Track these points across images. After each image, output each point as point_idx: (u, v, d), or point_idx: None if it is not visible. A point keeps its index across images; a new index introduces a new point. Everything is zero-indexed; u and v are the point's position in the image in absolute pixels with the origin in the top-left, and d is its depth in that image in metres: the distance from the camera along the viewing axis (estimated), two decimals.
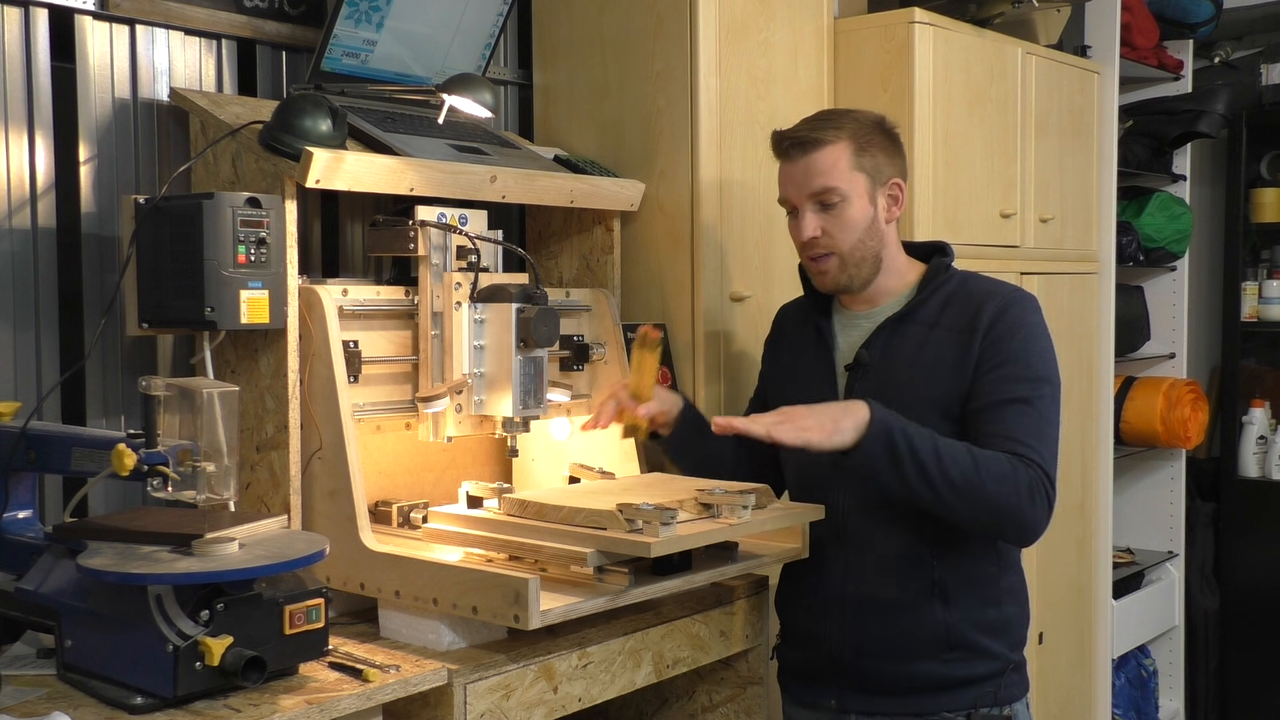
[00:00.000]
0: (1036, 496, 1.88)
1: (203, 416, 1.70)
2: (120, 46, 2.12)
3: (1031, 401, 1.93)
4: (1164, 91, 4.24)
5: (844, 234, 2.01)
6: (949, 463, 1.84)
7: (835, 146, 2.00)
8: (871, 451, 1.84)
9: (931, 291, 2.04)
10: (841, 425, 1.83)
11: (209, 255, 1.85)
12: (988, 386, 1.95)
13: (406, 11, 2.26)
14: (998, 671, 2.03)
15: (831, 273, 2.04)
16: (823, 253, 2.04)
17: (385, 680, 1.69)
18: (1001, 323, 1.97)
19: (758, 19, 2.61)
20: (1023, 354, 1.96)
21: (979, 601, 2.02)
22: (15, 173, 2.01)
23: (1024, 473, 1.87)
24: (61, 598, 1.67)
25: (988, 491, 1.86)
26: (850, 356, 2.07)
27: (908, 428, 1.85)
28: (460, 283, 2.07)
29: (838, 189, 2.00)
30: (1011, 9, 3.07)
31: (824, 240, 2.02)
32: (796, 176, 2.03)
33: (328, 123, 1.97)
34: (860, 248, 2.02)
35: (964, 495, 1.86)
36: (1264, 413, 4.44)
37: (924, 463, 1.84)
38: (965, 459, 1.86)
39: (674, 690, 2.29)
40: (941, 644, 2.00)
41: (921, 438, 1.85)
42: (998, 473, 1.86)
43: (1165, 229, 4.06)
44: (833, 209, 2.01)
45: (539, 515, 1.91)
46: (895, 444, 1.83)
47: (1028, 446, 1.90)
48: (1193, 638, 4.41)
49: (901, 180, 2.06)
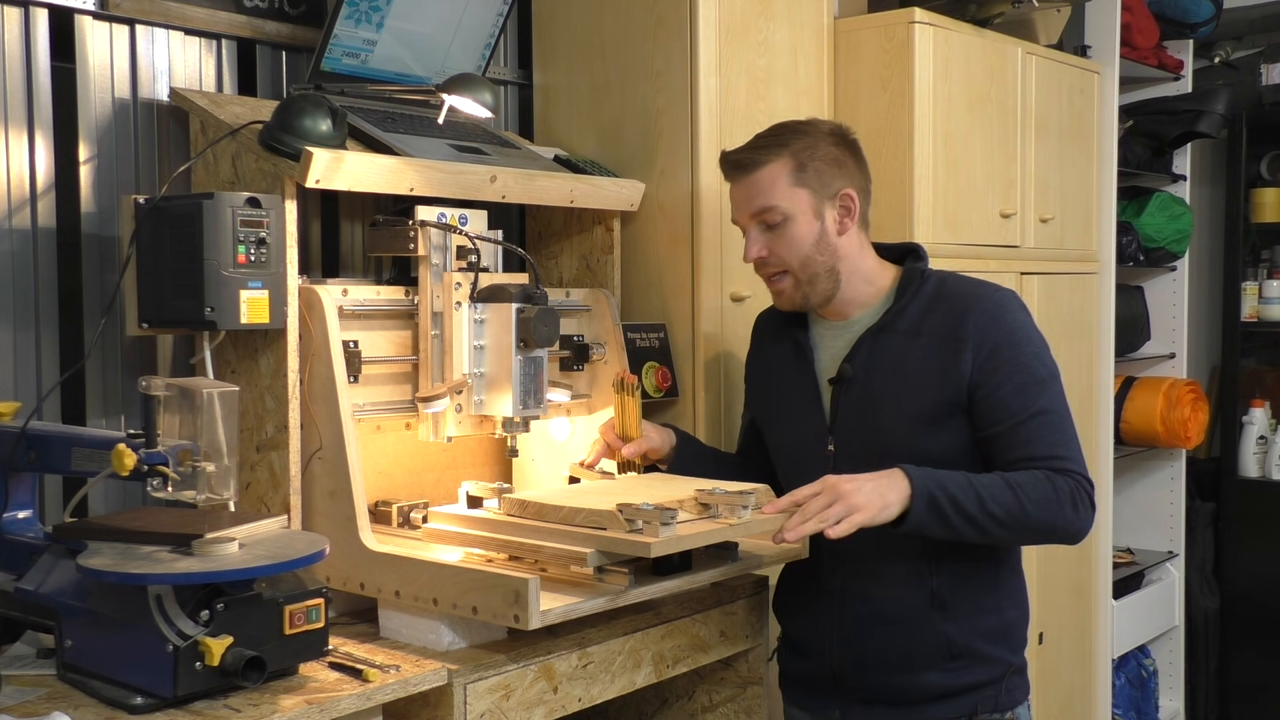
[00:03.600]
0: (1080, 504, 1.91)
1: (203, 416, 1.70)
2: (120, 46, 2.12)
3: (1048, 411, 1.94)
4: (1164, 91, 4.24)
5: (790, 252, 2.00)
6: (993, 505, 1.86)
7: (773, 166, 1.99)
8: (919, 520, 1.85)
9: (910, 299, 2.02)
10: (888, 499, 1.83)
11: (209, 255, 1.85)
12: (1003, 408, 1.94)
13: (406, 11, 2.26)
14: (999, 676, 2.03)
15: (787, 291, 2.04)
16: (775, 271, 2.03)
17: (385, 680, 1.69)
18: (993, 332, 1.96)
19: (758, 19, 2.61)
20: (1025, 361, 1.96)
21: (979, 609, 2.01)
22: (15, 173, 2.01)
23: (1064, 486, 1.90)
24: (61, 598, 1.67)
25: (1034, 518, 1.88)
26: (832, 369, 2.05)
27: (947, 484, 1.86)
28: (460, 283, 2.07)
29: (777, 207, 1.99)
30: (1011, 9, 3.07)
31: (772, 260, 2.02)
32: (739, 197, 2.04)
33: (328, 123, 1.97)
34: (810, 264, 2.01)
35: (1013, 529, 1.89)
36: (1264, 413, 4.44)
37: (970, 515, 1.85)
38: (1006, 495, 1.87)
39: (674, 690, 2.29)
40: (943, 654, 1.99)
41: (962, 490, 1.86)
42: (1039, 497, 1.88)
43: (1165, 229, 4.06)
44: (776, 228, 2.00)
45: (539, 515, 1.90)
46: (941, 507, 1.85)
47: (1060, 458, 1.92)
48: (1193, 638, 4.41)
49: (854, 191, 2.02)
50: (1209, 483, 4.55)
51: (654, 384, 2.41)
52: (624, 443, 2.17)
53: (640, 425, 2.17)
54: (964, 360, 1.95)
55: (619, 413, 2.18)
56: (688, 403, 2.49)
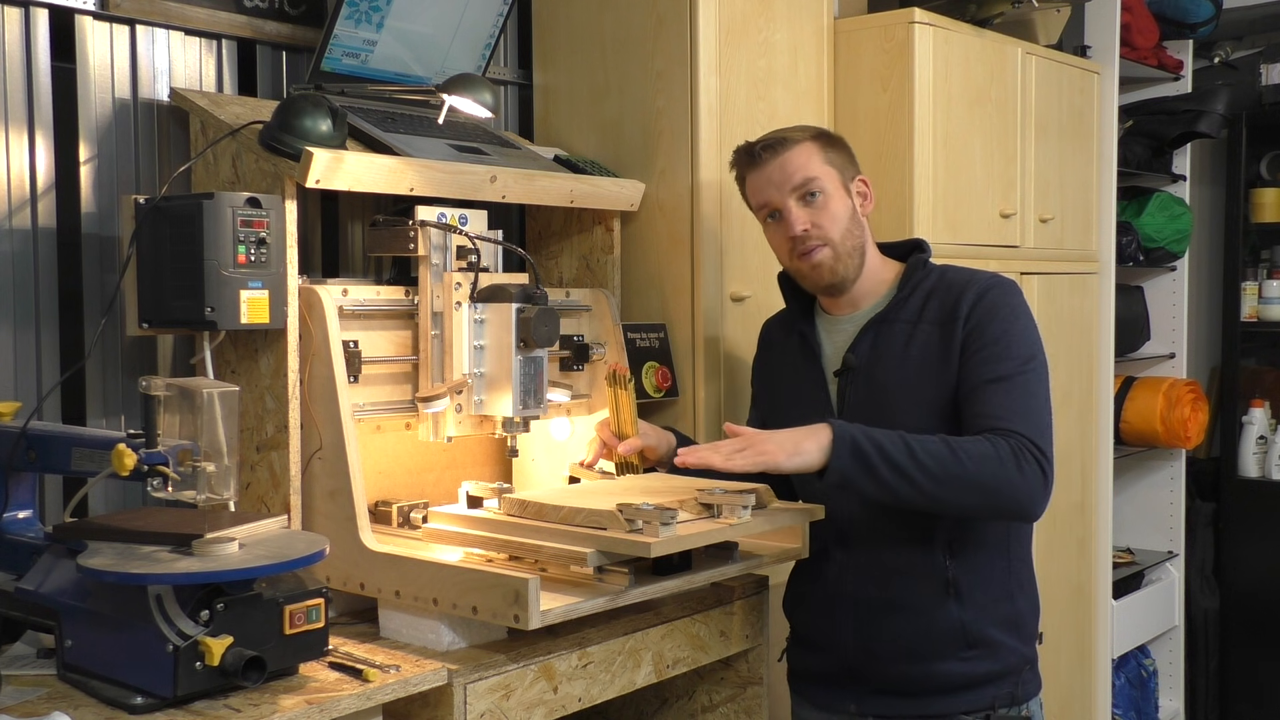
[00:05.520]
0: (1024, 464, 1.85)
1: (203, 416, 1.70)
2: (120, 46, 2.12)
3: (1011, 378, 1.92)
4: (1164, 91, 4.24)
5: (832, 224, 2.03)
6: (924, 456, 1.83)
7: (804, 144, 2.05)
8: (842, 466, 1.83)
9: (912, 289, 2.05)
10: (802, 446, 1.83)
11: (209, 255, 1.85)
12: (968, 371, 1.95)
13: (406, 11, 2.26)
14: (1015, 668, 2.03)
15: (827, 263, 2.04)
16: (815, 244, 2.04)
17: (385, 680, 1.69)
18: (980, 308, 1.98)
19: (758, 19, 2.61)
20: (1002, 335, 1.96)
21: (992, 597, 2.02)
22: (15, 173, 2.01)
23: (1004, 445, 1.85)
24: (61, 598, 1.67)
25: (970, 473, 1.83)
26: (838, 361, 2.06)
27: (874, 433, 1.85)
28: (460, 283, 2.07)
29: (818, 179, 2.03)
30: (1011, 9, 3.07)
31: (815, 232, 2.03)
32: (775, 177, 2.05)
33: (328, 123, 1.97)
34: (849, 237, 2.04)
35: (948, 484, 1.84)
36: (1264, 413, 4.44)
37: (898, 463, 1.82)
38: (940, 449, 1.84)
39: (674, 690, 2.29)
40: (959, 642, 1.99)
41: (890, 439, 1.85)
42: (976, 453, 1.84)
43: (1165, 229, 4.06)
44: (816, 200, 2.03)
45: (539, 515, 1.91)
46: (864, 453, 1.82)
47: (1007, 420, 1.88)
48: (1193, 638, 4.41)
49: (865, 179, 2.12)
50: (1209, 483, 4.55)
51: (654, 384, 2.41)
52: (620, 440, 2.16)
53: (636, 422, 2.17)
54: (955, 340, 1.97)
55: (612, 409, 2.18)
56: (688, 403, 2.49)
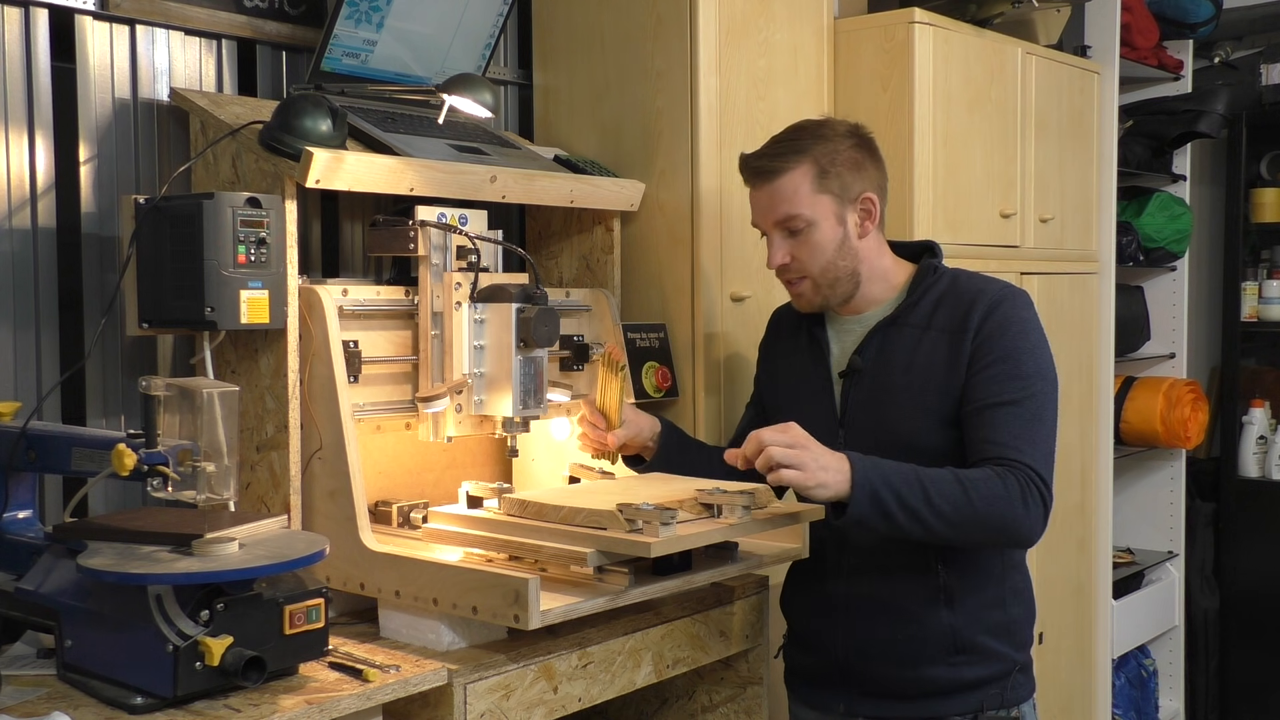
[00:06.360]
0: (1030, 501, 1.86)
1: (203, 416, 1.70)
2: (120, 46, 2.12)
3: (1020, 402, 1.92)
4: (1164, 91, 4.24)
5: (813, 258, 2.01)
6: (939, 500, 1.83)
7: (796, 172, 1.99)
8: (862, 514, 1.82)
9: (922, 293, 2.03)
10: (826, 479, 1.81)
11: (209, 255, 1.85)
12: (977, 389, 1.94)
13: (406, 11, 2.26)
14: (1004, 673, 2.03)
15: (806, 295, 2.05)
16: (795, 277, 2.04)
17: (385, 680, 1.69)
18: (991, 320, 1.96)
19: (758, 19, 2.61)
20: (1013, 352, 1.95)
21: (984, 604, 2.01)
22: (15, 173, 2.01)
23: (1014, 482, 1.86)
24: (61, 598, 1.67)
25: (981, 515, 1.85)
26: (844, 362, 2.06)
27: (891, 478, 1.83)
28: (460, 283, 2.07)
29: (801, 215, 1.99)
30: (1011, 9, 3.07)
31: (794, 265, 2.03)
32: (762, 203, 2.04)
33: (328, 123, 1.97)
34: (832, 269, 2.02)
35: (960, 526, 1.85)
36: (1264, 413, 4.44)
37: (914, 510, 1.82)
38: (954, 490, 1.84)
39: (674, 690, 2.29)
40: (948, 647, 1.99)
41: (907, 484, 1.83)
42: (988, 493, 1.85)
43: (1165, 229, 4.06)
44: (799, 234, 2.01)
45: (539, 515, 1.91)
46: (884, 502, 1.82)
47: (1016, 450, 1.88)
48: (1193, 638, 4.41)
49: (874, 193, 2.04)
50: (1209, 483, 4.55)
51: (654, 384, 2.41)
52: (601, 417, 2.17)
53: (621, 407, 2.17)
54: (964, 350, 1.96)
55: (601, 389, 2.18)
56: (688, 403, 2.49)
